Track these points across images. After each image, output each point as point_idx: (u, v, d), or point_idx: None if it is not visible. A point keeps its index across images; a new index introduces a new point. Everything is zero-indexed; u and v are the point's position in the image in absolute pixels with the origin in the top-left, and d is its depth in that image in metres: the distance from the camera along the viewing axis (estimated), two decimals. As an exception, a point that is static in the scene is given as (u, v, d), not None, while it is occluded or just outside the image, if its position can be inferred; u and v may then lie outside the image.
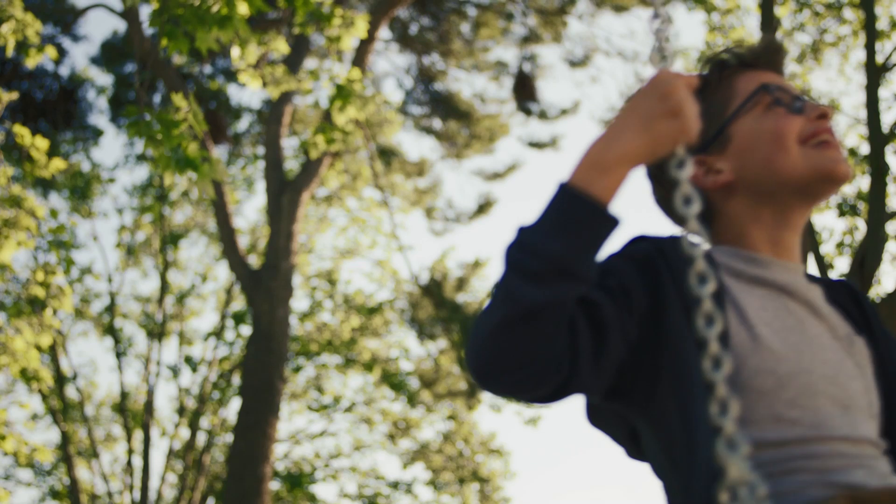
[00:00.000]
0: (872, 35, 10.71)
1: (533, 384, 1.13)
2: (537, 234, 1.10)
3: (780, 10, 11.78)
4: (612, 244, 1.18)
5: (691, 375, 1.16)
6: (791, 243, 1.36)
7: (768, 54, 1.44)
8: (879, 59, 10.82)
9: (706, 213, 1.38)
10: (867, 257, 9.64)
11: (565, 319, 1.12)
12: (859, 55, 12.01)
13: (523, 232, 1.12)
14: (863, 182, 11.56)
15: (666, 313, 1.20)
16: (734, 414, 0.99)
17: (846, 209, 11.51)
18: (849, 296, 1.42)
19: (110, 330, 15.69)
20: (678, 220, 1.37)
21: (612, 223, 1.11)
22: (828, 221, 28.77)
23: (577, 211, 1.08)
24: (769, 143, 1.35)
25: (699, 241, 1.10)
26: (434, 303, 13.42)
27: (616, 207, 1.10)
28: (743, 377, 1.20)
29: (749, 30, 12.38)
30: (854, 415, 1.23)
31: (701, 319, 1.03)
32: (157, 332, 15.69)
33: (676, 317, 1.20)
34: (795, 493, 1.17)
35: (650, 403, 1.24)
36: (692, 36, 37.21)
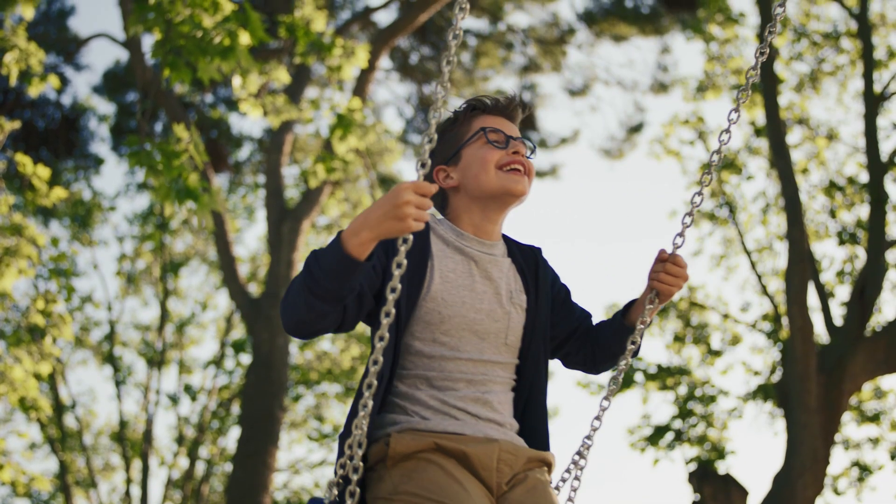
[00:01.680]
0: (870, 65, 10.76)
1: (319, 334, 1.89)
2: (322, 270, 1.77)
3: (778, 40, 11.85)
4: None
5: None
6: (489, 229, 2.10)
7: (503, 106, 2.19)
8: (877, 88, 10.86)
9: (444, 202, 2.15)
10: (867, 286, 9.62)
11: (341, 309, 1.85)
12: (857, 84, 12.07)
13: (316, 260, 1.79)
14: (862, 210, 11.57)
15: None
16: (372, 390, 1.76)
17: (846, 238, 11.51)
18: (533, 260, 2.15)
19: (110, 358, 15.65)
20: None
21: (364, 267, 1.79)
22: (828, 250, 28.74)
23: (344, 265, 1.76)
24: (478, 166, 2.10)
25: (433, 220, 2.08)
26: None
27: (368, 250, 1.79)
28: (421, 312, 1.98)
29: (747, 59, 12.45)
30: (486, 344, 2.00)
31: (393, 264, 1.76)
32: (156, 361, 15.65)
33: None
34: (421, 390, 1.95)
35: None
36: (691, 65, 37.42)
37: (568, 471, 2.15)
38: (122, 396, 15.64)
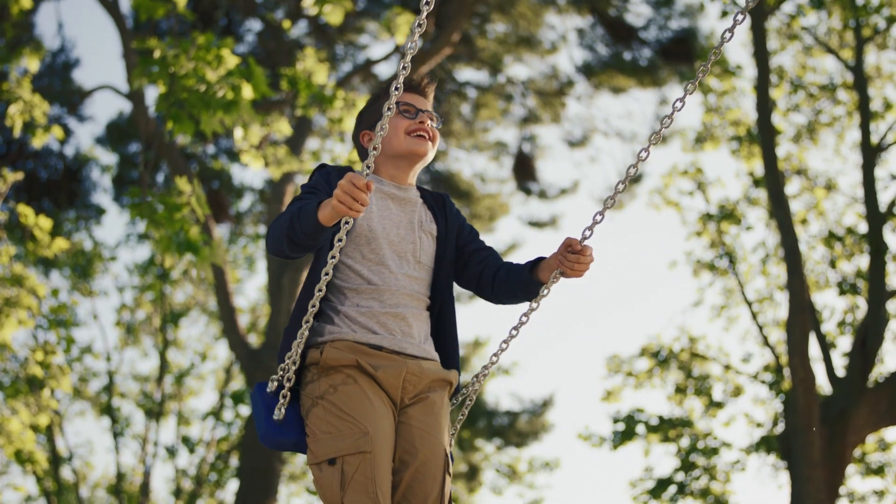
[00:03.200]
0: (867, 116, 10.84)
1: (292, 259, 2.46)
2: (301, 228, 2.30)
3: (774, 92, 11.96)
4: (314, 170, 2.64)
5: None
6: (402, 177, 2.63)
7: (416, 84, 2.68)
8: (874, 139, 10.94)
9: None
10: (869, 336, 9.59)
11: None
12: (855, 135, 12.16)
13: (298, 217, 2.31)
14: (862, 261, 11.58)
15: None
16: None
17: (846, 288, 11.50)
18: (441, 201, 2.69)
19: (108, 410, 15.55)
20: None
21: (330, 230, 2.31)
22: (829, 300, 28.64)
23: (316, 229, 2.28)
24: (391, 131, 2.61)
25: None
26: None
27: (332, 222, 2.29)
28: (353, 235, 2.49)
29: (745, 110, 12.55)
30: (403, 261, 2.53)
31: (335, 238, 2.31)
32: (155, 412, 15.54)
33: None
34: (350, 304, 2.47)
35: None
36: (689, 117, 37.73)
37: (469, 384, 2.68)
38: (120, 448, 15.52)
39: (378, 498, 2.26)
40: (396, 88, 2.14)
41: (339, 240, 2.27)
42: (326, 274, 2.32)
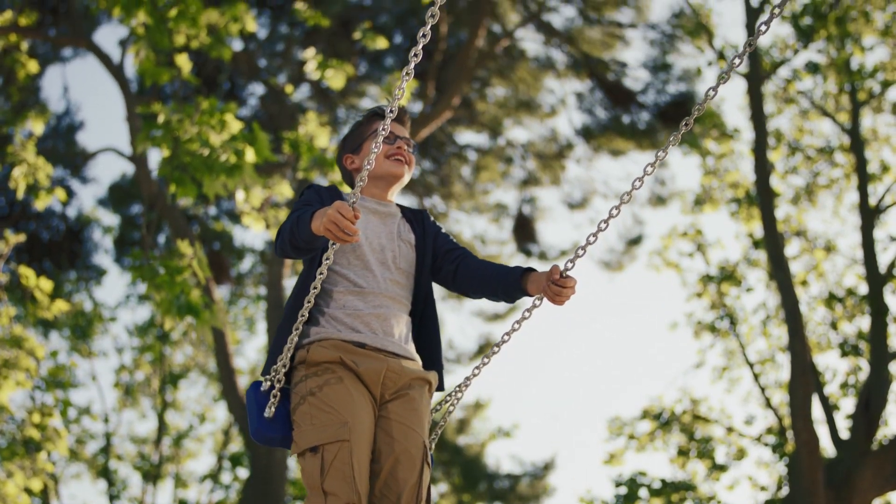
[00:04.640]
0: (864, 178, 10.93)
1: (297, 259, 2.70)
2: (300, 236, 2.48)
3: (772, 155, 12.06)
4: (309, 186, 2.83)
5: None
6: (382, 195, 2.85)
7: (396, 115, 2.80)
8: (872, 201, 11.00)
9: (351, 181, 2.95)
10: (872, 398, 9.53)
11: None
12: (853, 197, 12.24)
13: (298, 226, 2.49)
14: (863, 322, 11.55)
15: None
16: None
17: (848, 349, 11.46)
18: (420, 216, 2.91)
19: (104, 472, 15.37)
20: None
21: (325, 240, 2.46)
22: (831, 361, 28.54)
23: (311, 237, 2.45)
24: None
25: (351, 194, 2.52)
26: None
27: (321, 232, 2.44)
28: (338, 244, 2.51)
29: (744, 173, 12.64)
30: (384, 266, 2.71)
31: (323, 255, 2.50)
32: (152, 475, 15.36)
33: None
34: (336, 306, 2.64)
35: None
36: (688, 179, 38.00)
37: (450, 394, 2.81)
38: (116, 512, 15.30)
39: (355, 484, 2.39)
40: (384, 129, 2.29)
41: (328, 258, 2.44)
42: (315, 288, 2.50)
